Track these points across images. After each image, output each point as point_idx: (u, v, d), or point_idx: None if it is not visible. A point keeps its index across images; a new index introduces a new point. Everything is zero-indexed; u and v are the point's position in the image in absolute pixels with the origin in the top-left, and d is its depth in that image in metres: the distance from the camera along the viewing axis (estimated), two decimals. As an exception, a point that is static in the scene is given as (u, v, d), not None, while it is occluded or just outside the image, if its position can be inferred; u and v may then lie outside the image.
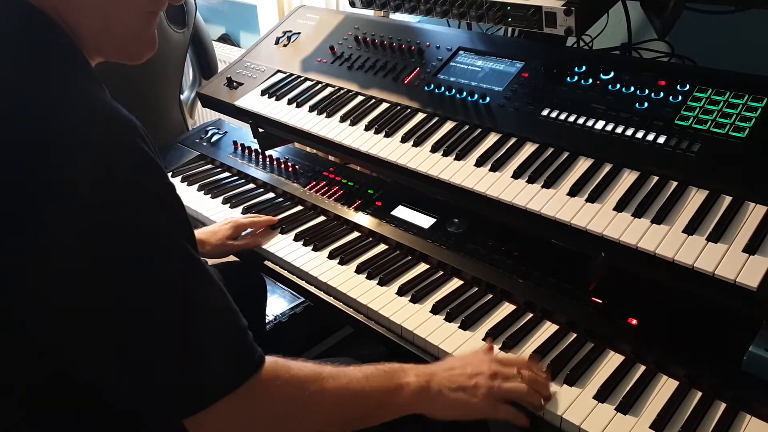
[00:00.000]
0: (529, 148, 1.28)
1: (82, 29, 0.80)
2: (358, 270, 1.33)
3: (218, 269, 1.58)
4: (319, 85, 1.64)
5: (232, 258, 1.58)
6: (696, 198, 1.08)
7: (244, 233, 1.50)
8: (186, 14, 2.18)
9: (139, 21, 0.84)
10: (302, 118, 1.56)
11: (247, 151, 1.84)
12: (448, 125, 1.39)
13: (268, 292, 1.84)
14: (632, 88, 1.28)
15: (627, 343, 1.08)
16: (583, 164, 1.21)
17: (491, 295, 1.23)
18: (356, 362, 1.29)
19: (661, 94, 1.25)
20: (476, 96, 1.41)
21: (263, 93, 1.68)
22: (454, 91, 1.45)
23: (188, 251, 0.79)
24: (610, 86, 1.30)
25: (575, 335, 1.12)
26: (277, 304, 1.89)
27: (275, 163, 1.77)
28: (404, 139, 1.39)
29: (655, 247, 1.02)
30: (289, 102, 1.62)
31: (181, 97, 2.40)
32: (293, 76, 1.70)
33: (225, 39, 3.16)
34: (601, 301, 1.15)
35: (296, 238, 1.46)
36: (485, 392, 0.96)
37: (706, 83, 1.23)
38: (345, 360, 1.31)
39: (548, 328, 1.14)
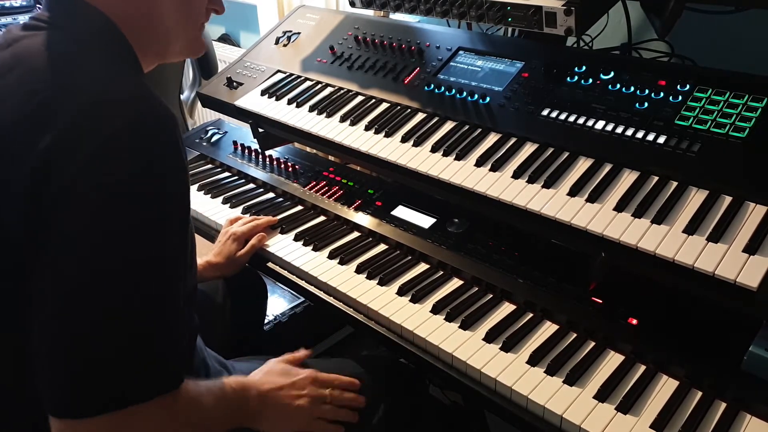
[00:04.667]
0: (529, 148, 1.28)
1: (152, 42, 0.95)
2: (358, 270, 1.33)
3: None
4: (319, 85, 1.64)
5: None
6: (696, 198, 1.08)
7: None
8: (186, 14, 2.18)
9: (200, 28, 1.03)
10: (302, 118, 1.56)
11: (247, 151, 1.84)
12: (448, 125, 1.39)
13: (268, 292, 1.84)
14: (632, 88, 1.28)
15: (627, 343, 1.08)
16: (583, 164, 1.21)
17: (491, 295, 1.23)
18: (356, 364, 1.30)
19: (661, 94, 1.25)
20: (476, 96, 1.41)
21: (263, 93, 1.68)
22: (454, 91, 1.45)
23: (179, 269, 0.86)
24: (610, 86, 1.30)
25: (575, 335, 1.12)
26: (277, 304, 1.89)
27: (275, 163, 1.77)
28: (404, 139, 1.39)
29: (655, 247, 1.02)
30: (289, 102, 1.62)
31: (181, 97, 2.40)
32: (293, 76, 1.70)
33: (225, 39, 3.16)
34: (601, 301, 1.15)
35: (296, 238, 1.46)
36: (307, 412, 1.11)
37: (706, 83, 1.23)
38: (344, 361, 1.32)
39: (548, 328, 1.15)
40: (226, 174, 1.80)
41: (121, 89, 0.82)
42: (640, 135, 1.20)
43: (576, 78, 1.35)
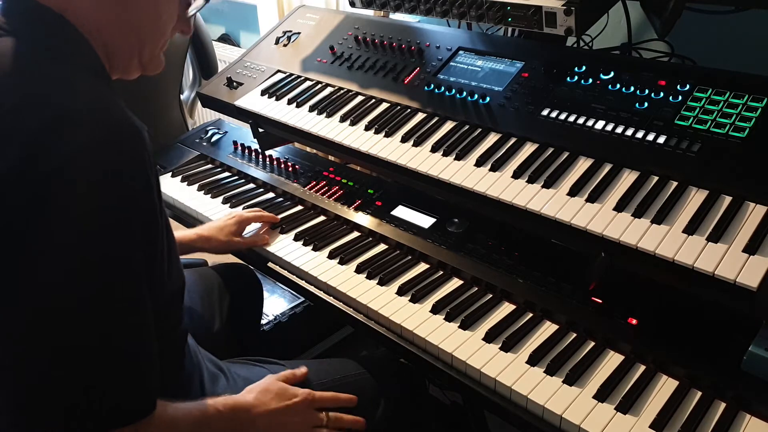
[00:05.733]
0: (529, 148, 1.28)
1: (117, 50, 0.90)
2: (358, 270, 1.33)
3: (216, 270, 1.58)
4: (319, 85, 1.64)
5: (231, 258, 1.58)
6: (696, 198, 1.08)
7: (249, 229, 1.50)
8: (186, 14, 2.18)
9: (163, 45, 0.97)
10: (302, 118, 1.56)
11: (247, 151, 1.84)
12: (448, 125, 1.39)
13: (268, 293, 1.84)
14: (632, 88, 1.28)
15: (627, 343, 1.08)
16: (583, 164, 1.21)
17: (491, 295, 1.23)
18: (355, 364, 1.29)
19: (661, 94, 1.25)
20: (476, 96, 1.41)
21: (263, 93, 1.68)
22: (454, 91, 1.45)
23: (141, 290, 0.82)
24: (610, 86, 1.30)
25: (575, 335, 1.12)
26: (277, 304, 1.89)
27: (275, 163, 1.77)
28: (404, 139, 1.39)
29: (655, 247, 1.02)
30: (289, 102, 1.62)
31: (181, 97, 2.40)
32: (293, 76, 1.70)
33: (225, 39, 3.16)
34: (601, 301, 1.15)
35: (296, 238, 1.46)
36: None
37: (706, 83, 1.23)
38: (344, 362, 1.31)
39: (548, 328, 1.14)
40: (226, 174, 1.80)
41: (83, 102, 0.79)
42: (640, 135, 1.20)
43: (576, 78, 1.35)
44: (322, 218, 1.54)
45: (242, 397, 1.07)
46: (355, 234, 1.46)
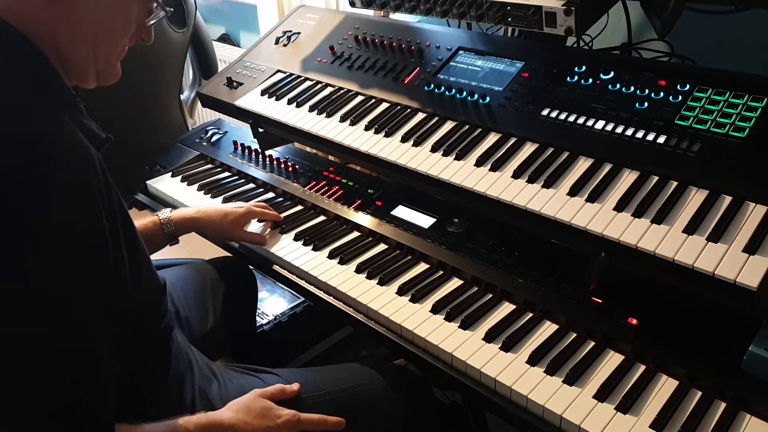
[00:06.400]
0: (529, 148, 1.28)
1: (71, 58, 0.87)
2: (358, 270, 1.33)
3: (211, 264, 1.58)
4: (319, 85, 1.64)
5: (224, 253, 1.58)
6: (696, 198, 1.08)
7: (253, 227, 1.50)
8: (186, 14, 2.18)
9: (119, 54, 0.93)
10: (302, 118, 1.56)
11: (247, 151, 1.84)
12: (448, 125, 1.39)
13: (268, 293, 1.84)
14: (632, 88, 1.28)
15: (627, 343, 1.08)
16: (583, 164, 1.21)
17: (491, 295, 1.23)
18: (354, 373, 1.28)
19: (661, 94, 1.25)
20: (476, 96, 1.41)
21: (263, 93, 1.68)
22: (454, 90, 1.45)
23: (84, 303, 0.80)
24: (610, 86, 1.30)
25: (575, 335, 1.12)
26: (277, 304, 1.89)
27: (275, 162, 1.77)
28: (404, 139, 1.39)
29: (655, 247, 1.02)
30: (289, 102, 1.62)
31: (181, 97, 2.40)
32: (293, 76, 1.70)
33: (225, 39, 3.16)
34: (601, 301, 1.15)
35: (296, 238, 1.46)
36: None
37: (706, 83, 1.23)
38: (343, 369, 1.29)
39: (548, 328, 1.14)
40: (226, 174, 1.80)
41: (16, 129, 0.76)
42: (640, 135, 1.20)
43: (576, 78, 1.35)
44: (322, 218, 1.54)
45: (220, 414, 1.02)
46: (355, 234, 1.46)
